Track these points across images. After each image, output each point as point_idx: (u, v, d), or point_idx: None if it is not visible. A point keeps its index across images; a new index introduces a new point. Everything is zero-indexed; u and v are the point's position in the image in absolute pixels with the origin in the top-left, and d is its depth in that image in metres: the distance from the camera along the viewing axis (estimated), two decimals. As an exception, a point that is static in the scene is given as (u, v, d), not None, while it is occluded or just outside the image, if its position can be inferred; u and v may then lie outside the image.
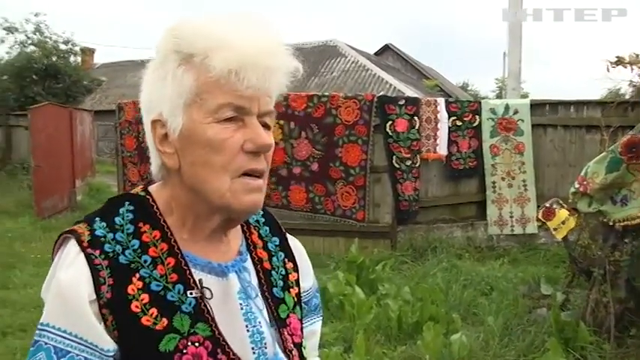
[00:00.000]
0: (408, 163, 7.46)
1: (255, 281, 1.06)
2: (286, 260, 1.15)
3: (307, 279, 1.20)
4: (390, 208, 7.56)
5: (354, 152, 7.47)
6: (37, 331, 0.91)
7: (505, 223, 7.57)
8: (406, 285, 5.75)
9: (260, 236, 1.13)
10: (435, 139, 7.55)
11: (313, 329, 1.21)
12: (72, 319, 0.89)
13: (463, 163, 7.67)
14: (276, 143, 6.79)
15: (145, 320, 0.91)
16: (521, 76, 9.69)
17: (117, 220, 0.97)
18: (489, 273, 6.28)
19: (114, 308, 0.90)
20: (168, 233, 0.98)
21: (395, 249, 7.43)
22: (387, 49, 21.84)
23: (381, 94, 8.02)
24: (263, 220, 1.16)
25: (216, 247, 1.03)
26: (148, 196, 1.02)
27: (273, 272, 1.11)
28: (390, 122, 7.44)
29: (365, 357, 4.15)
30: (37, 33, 16.99)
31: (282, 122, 7.70)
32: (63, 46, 17.22)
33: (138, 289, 0.92)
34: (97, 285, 0.90)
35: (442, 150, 7.56)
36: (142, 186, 1.05)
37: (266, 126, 0.97)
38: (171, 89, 0.94)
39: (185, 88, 0.93)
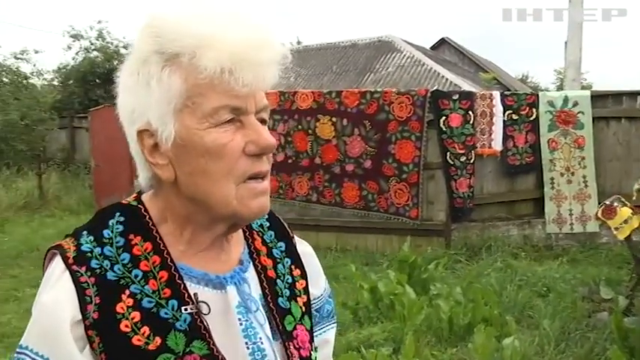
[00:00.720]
0: (463, 159, 7.27)
1: (258, 291, 0.99)
2: (293, 267, 1.07)
3: (318, 285, 1.13)
4: (444, 205, 7.39)
5: (408, 149, 7.34)
6: (16, 354, 0.86)
7: (564, 221, 7.27)
8: (459, 285, 5.59)
9: (264, 242, 1.06)
10: (490, 134, 7.33)
11: (326, 337, 1.15)
12: (50, 344, 0.84)
13: (520, 159, 7.42)
14: (329, 140, 6.86)
15: (136, 340, 0.85)
16: (583, 67, 9.34)
17: (105, 233, 0.90)
18: (546, 273, 6.03)
19: (101, 329, 0.84)
20: (161, 245, 0.91)
21: (449, 247, 7.26)
22: (443, 42, 21.44)
23: (434, 88, 7.83)
24: (268, 224, 1.08)
25: (216, 257, 0.96)
26: (140, 206, 0.95)
27: (279, 281, 1.03)
28: (443, 117, 7.27)
29: (413, 359, 4.05)
30: (100, 39, 17.67)
31: (334, 119, 7.70)
32: (123, 51, 17.77)
33: (128, 307, 0.86)
34: (83, 304, 0.84)
35: (497, 145, 7.34)
36: (134, 195, 0.98)
37: (263, 121, 0.91)
38: (158, 95, 0.85)
39: (173, 92, 0.85)
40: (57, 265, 0.87)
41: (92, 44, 17.69)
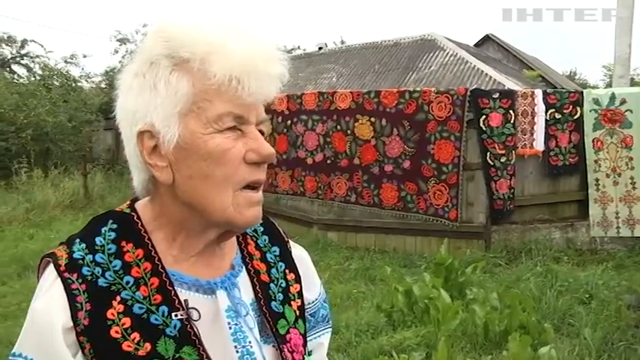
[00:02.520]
0: (503, 159, 7.08)
1: (250, 296, 1.01)
2: (287, 271, 1.09)
3: (313, 289, 1.15)
4: (484, 207, 7.21)
5: (447, 149, 7.20)
6: None
7: (610, 224, 6.99)
8: (496, 290, 5.44)
9: (258, 247, 1.07)
10: (532, 134, 7.11)
11: (320, 341, 1.17)
12: (43, 350, 0.85)
13: (563, 159, 7.19)
14: (368, 141, 6.85)
15: (126, 346, 0.86)
16: (636, 62, 9.02)
17: (98, 240, 0.92)
18: (589, 279, 5.78)
19: (92, 335, 0.85)
20: (152, 251, 0.93)
21: (488, 250, 7.09)
22: (487, 39, 20.91)
23: (474, 87, 7.65)
24: (262, 229, 1.10)
25: (209, 262, 0.98)
26: (133, 213, 0.96)
27: (272, 285, 1.04)
28: (483, 117, 7.09)
29: (446, 366, 3.94)
30: (146, 42, 18.11)
31: (373, 119, 7.68)
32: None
33: (119, 313, 0.87)
34: (74, 311, 0.85)
35: (539, 145, 7.11)
36: (128, 202, 0.99)
37: (261, 133, 0.93)
38: (165, 97, 0.87)
39: (180, 96, 0.87)
40: (50, 272, 0.89)
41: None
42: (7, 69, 19.59)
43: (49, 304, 0.86)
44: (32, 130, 12.82)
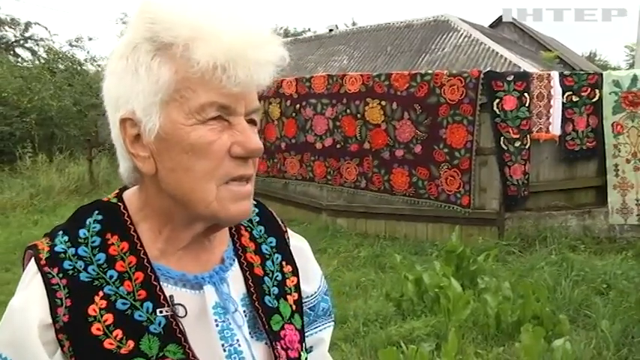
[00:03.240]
0: (517, 144, 6.87)
1: (242, 290, 0.96)
2: (284, 263, 1.04)
3: (312, 282, 1.11)
4: (497, 193, 7.02)
5: (459, 133, 7.02)
6: None
7: (630, 211, 6.77)
8: (509, 279, 5.28)
9: (252, 238, 1.03)
10: (548, 117, 6.89)
11: (321, 336, 1.13)
12: (18, 348, 0.82)
13: (580, 144, 6.98)
14: (378, 125, 6.66)
15: (108, 344, 0.82)
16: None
17: (82, 232, 0.88)
18: (607, 269, 5.59)
19: (71, 332, 0.82)
20: (138, 244, 0.89)
21: (502, 238, 6.93)
22: (503, 20, 20.61)
23: (487, 69, 7.43)
24: (258, 219, 1.05)
25: (197, 256, 0.94)
26: (119, 203, 0.92)
27: (266, 278, 1.00)
28: (497, 100, 6.88)
29: (456, 357, 3.80)
30: (153, 26, 18.13)
31: (383, 103, 7.54)
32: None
33: (101, 309, 0.83)
34: (54, 307, 0.82)
35: (556, 129, 6.89)
36: (116, 191, 0.95)
37: (253, 122, 0.88)
38: (146, 85, 0.82)
39: (162, 83, 0.82)
40: (31, 266, 0.86)
41: (145, 31, 18.15)
42: (11, 52, 19.58)
43: (27, 300, 0.83)
44: (36, 115, 12.83)
